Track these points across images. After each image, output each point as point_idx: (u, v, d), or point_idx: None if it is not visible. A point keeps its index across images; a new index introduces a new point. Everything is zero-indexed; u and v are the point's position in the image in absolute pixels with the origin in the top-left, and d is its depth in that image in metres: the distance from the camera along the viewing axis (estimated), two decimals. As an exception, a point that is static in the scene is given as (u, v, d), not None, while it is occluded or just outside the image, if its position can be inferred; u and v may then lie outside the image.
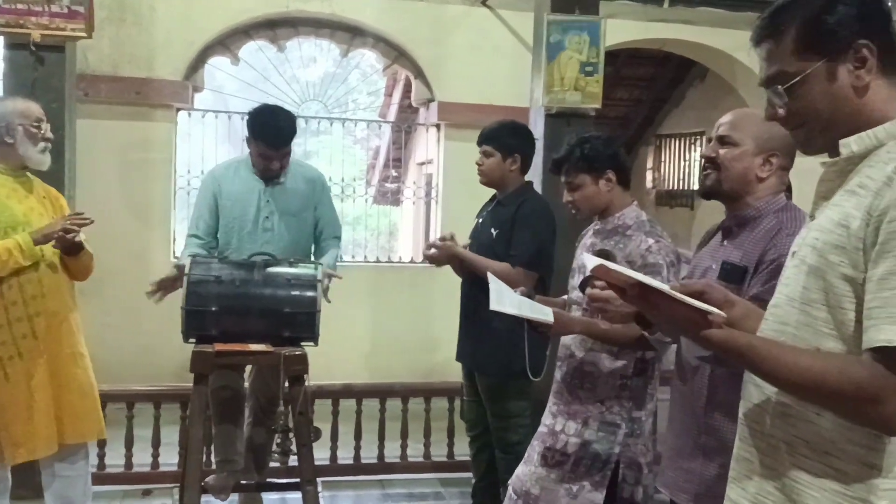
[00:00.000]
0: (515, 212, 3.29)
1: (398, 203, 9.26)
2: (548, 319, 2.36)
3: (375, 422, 4.41)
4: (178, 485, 3.48)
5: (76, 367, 3.06)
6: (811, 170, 1.48)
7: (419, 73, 6.73)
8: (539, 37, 4.33)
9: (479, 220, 3.50)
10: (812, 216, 1.43)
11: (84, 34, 3.90)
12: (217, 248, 3.55)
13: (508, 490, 2.75)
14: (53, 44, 3.86)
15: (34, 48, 3.80)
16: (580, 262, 2.72)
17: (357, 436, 4.36)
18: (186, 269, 3.12)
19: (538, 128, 4.32)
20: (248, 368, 3.68)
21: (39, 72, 3.85)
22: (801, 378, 1.27)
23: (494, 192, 3.49)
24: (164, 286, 3.37)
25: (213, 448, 3.67)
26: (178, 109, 6.35)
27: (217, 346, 3.04)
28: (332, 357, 5.45)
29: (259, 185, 3.54)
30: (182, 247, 3.72)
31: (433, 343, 6.21)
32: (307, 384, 3.19)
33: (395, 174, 8.72)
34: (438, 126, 6.84)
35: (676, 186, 9.91)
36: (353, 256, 7.19)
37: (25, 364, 2.93)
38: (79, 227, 2.93)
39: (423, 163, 7.65)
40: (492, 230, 3.34)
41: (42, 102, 3.24)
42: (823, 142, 1.40)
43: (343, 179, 6.87)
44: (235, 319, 3.10)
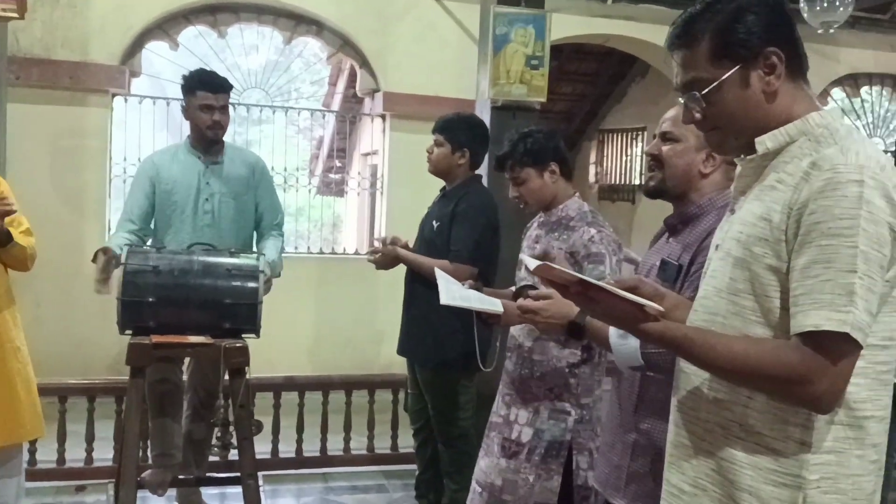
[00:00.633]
0: (455, 206, 3.29)
1: (342, 194, 9.18)
2: (497, 310, 2.39)
3: (318, 415, 4.36)
4: (114, 480, 3.39)
5: (15, 362, 2.94)
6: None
7: (364, 63, 6.67)
8: (485, 29, 4.32)
9: (427, 213, 3.50)
10: (732, 210, 1.50)
11: (16, 14, 3.75)
12: (151, 236, 3.48)
13: (472, 483, 2.77)
14: (-18, 24, 3.71)
15: (-39, 28, 3.65)
16: (524, 255, 2.74)
17: (299, 429, 4.31)
18: (123, 259, 3.03)
19: (484, 120, 4.31)
20: (187, 360, 3.61)
21: (-33, 53, 3.70)
22: (736, 364, 1.34)
23: (444, 185, 3.48)
24: (106, 273, 3.26)
25: (150, 442, 3.58)
26: (114, 95, 6.17)
27: (154, 338, 2.96)
28: (275, 350, 5.38)
29: (198, 167, 3.48)
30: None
31: (377, 335, 6.18)
32: (248, 377, 3.14)
33: (340, 164, 8.64)
34: (384, 116, 6.79)
35: (618, 181, 10.05)
36: (297, 248, 7.10)
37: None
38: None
39: (368, 153, 7.59)
40: (434, 222, 3.34)
41: (-30, 84, 3.11)
42: (737, 144, 1.48)
43: (286, 169, 6.77)
44: (174, 310, 3.01)
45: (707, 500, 1.43)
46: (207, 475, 3.73)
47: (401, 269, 3.50)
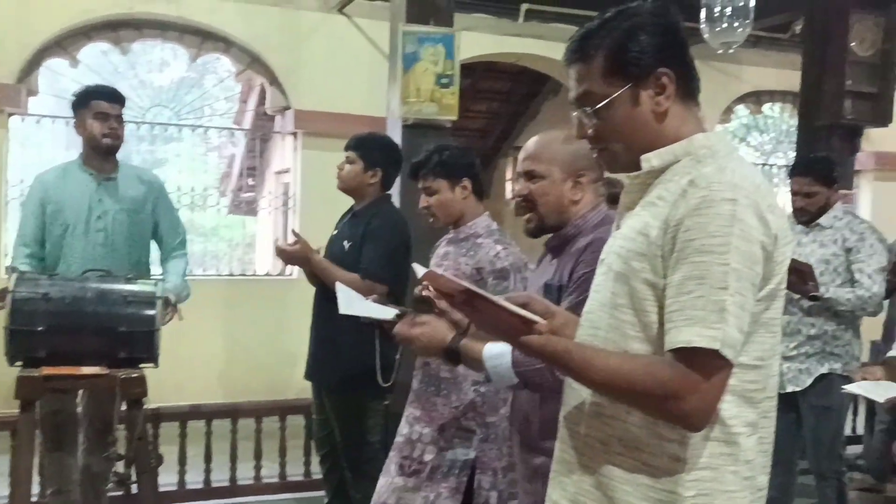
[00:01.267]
0: (367, 225, 3.24)
1: (255, 213, 9.00)
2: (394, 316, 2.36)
3: (227, 442, 4.23)
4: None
5: None
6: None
7: (274, 80, 6.56)
8: (394, 47, 4.31)
9: (335, 232, 3.43)
10: (618, 226, 1.51)
11: None
12: (45, 259, 3.34)
13: None
14: None
15: None
16: None
17: (207, 458, 4.17)
18: (11, 286, 2.88)
19: (395, 138, 4.29)
20: (81, 391, 3.44)
21: None
22: (612, 379, 1.34)
23: (353, 204, 3.43)
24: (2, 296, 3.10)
25: (45, 478, 3.39)
26: (11, 114, 5.91)
27: (45, 370, 2.82)
28: (184, 375, 5.21)
29: (90, 185, 3.37)
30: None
31: (291, 358, 6.02)
32: (148, 406, 3.02)
33: (252, 183, 8.47)
34: (295, 134, 6.69)
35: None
36: (205, 270, 6.91)
37: None
38: None
39: (281, 171, 7.47)
40: (344, 242, 3.28)
41: None
42: (626, 162, 1.48)
43: (193, 189, 6.59)
44: (66, 339, 2.87)
45: None
46: (107, 511, 3.56)
47: (312, 290, 3.42)
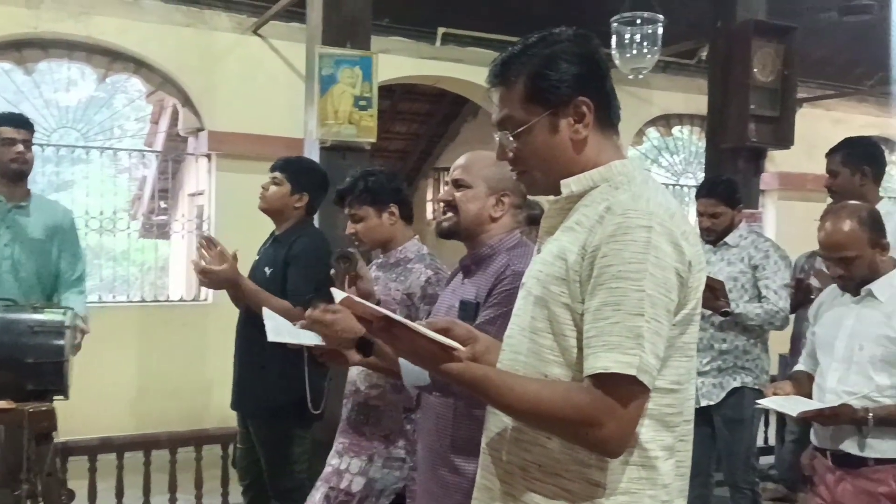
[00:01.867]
0: (289, 249, 3.18)
1: (168, 237, 8.74)
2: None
3: (140, 475, 4.07)
4: None
5: None
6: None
7: (187, 101, 6.42)
8: (311, 69, 4.27)
9: (257, 258, 3.36)
10: (538, 250, 1.52)
11: None
12: None
13: None
14: None
15: None
16: None
17: (119, 493, 4.00)
18: None
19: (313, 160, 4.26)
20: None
21: None
22: (530, 405, 1.34)
23: (274, 229, 3.36)
24: None
25: None
26: None
27: (-56, 406, 2.66)
28: (94, 407, 4.99)
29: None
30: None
31: (207, 385, 5.89)
32: (57, 440, 2.88)
33: (164, 206, 8.22)
34: (209, 156, 6.55)
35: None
36: (115, 295, 6.67)
37: None
38: None
39: (195, 194, 7.28)
40: (266, 269, 3.20)
41: None
42: (545, 185, 1.51)
43: (103, 213, 6.36)
44: (-32, 373, 2.73)
45: None
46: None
47: (232, 315, 3.33)
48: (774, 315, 3.69)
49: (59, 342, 2.83)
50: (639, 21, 4.52)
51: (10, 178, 3.32)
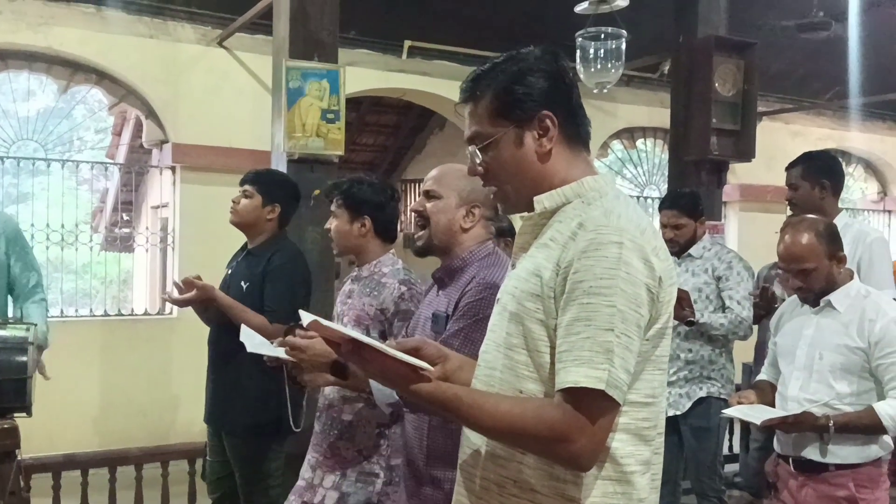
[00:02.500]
0: (267, 264, 3.16)
1: (131, 250, 8.64)
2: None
3: (105, 493, 4.01)
4: None
5: None
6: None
7: (151, 113, 6.35)
8: (278, 82, 4.26)
9: (229, 272, 3.33)
10: (513, 266, 1.54)
11: None
12: None
13: None
14: None
15: None
16: (338, 311, 2.72)
17: (83, 510, 3.94)
18: None
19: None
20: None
21: None
22: (502, 424, 1.34)
23: (245, 242, 3.34)
24: None
25: None
26: None
27: None
28: (56, 425, 4.91)
29: None
30: None
31: (173, 401, 5.82)
32: (20, 458, 2.83)
33: (127, 218, 8.13)
34: (174, 168, 6.49)
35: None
36: (77, 310, 6.57)
37: None
38: None
39: (158, 206, 7.21)
40: (242, 283, 3.17)
41: None
42: (516, 201, 1.52)
43: (63, 226, 6.26)
44: (-73, 392, 2.68)
45: None
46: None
47: (198, 329, 3.30)
48: (738, 325, 3.76)
49: (22, 358, 2.79)
50: (603, 36, 4.59)
51: None
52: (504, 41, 3.37)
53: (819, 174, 3.41)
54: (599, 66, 4.62)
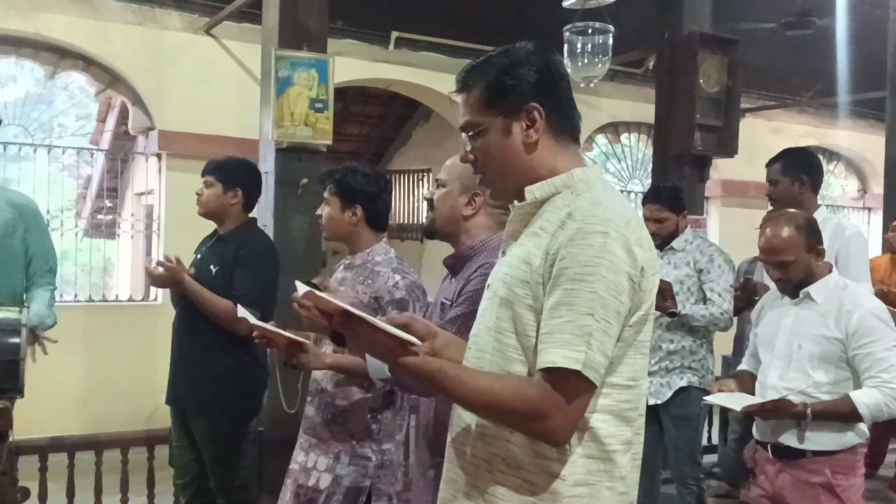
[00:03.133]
0: (237, 250, 3.21)
1: (114, 236, 8.61)
2: (305, 341, 2.40)
3: (91, 477, 4.03)
4: None
5: None
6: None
7: (137, 100, 6.35)
8: (267, 71, 4.28)
9: (198, 256, 3.37)
10: (503, 253, 1.59)
11: None
12: None
13: None
14: None
15: None
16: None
17: (70, 493, 3.95)
18: None
19: (269, 162, 4.27)
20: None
21: None
22: (483, 398, 1.40)
23: (216, 227, 3.38)
24: None
25: None
26: None
27: None
28: (39, 409, 4.90)
29: None
30: None
31: (157, 387, 5.72)
32: (11, 440, 2.86)
33: (111, 205, 8.09)
34: (159, 156, 6.49)
35: (406, 220, 10.28)
36: (62, 295, 6.54)
37: None
38: None
39: (143, 193, 7.19)
40: (211, 267, 3.24)
41: None
42: (504, 189, 1.58)
43: (49, 211, 6.22)
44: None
45: None
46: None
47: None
48: (718, 317, 3.83)
49: (15, 340, 2.80)
50: (590, 31, 4.64)
51: None
52: (491, 34, 3.43)
53: (798, 170, 3.49)
54: (586, 61, 4.68)
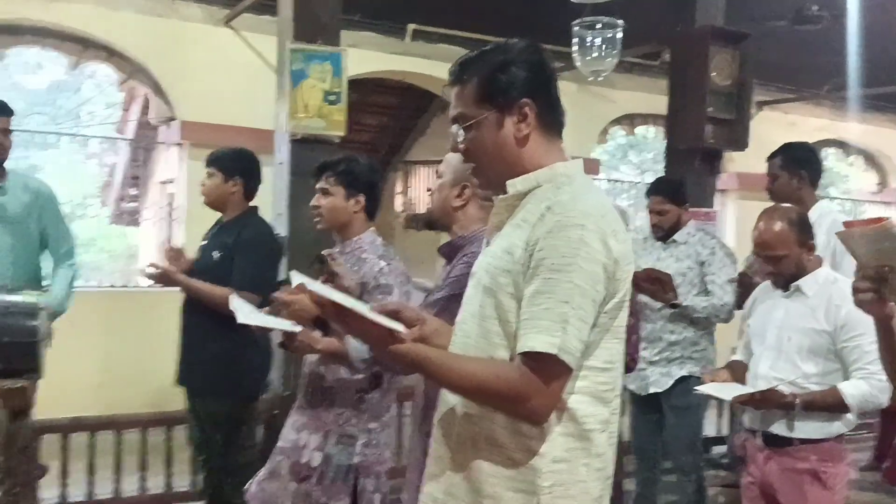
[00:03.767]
0: (237, 237, 3.35)
1: (137, 223, 8.80)
2: (295, 328, 2.48)
3: (111, 456, 4.19)
4: None
5: None
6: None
7: (158, 90, 6.48)
8: (282, 64, 4.39)
9: (204, 243, 3.51)
10: (488, 243, 1.68)
11: None
12: None
13: None
14: None
15: None
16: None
17: (90, 471, 4.12)
18: None
19: (283, 152, 4.39)
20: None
21: None
22: (466, 381, 1.50)
23: (220, 216, 3.52)
24: None
25: None
26: None
27: (-79, 382, 2.77)
28: (61, 390, 5.06)
29: None
30: None
31: (174, 370, 5.98)
32: (32, 419, 3.00)
33: (135, 193, 8.28)
34: (181, 145, 6.63)
35: (423, 211, 10.37)
36: (86, 281, 6.74)
37: None
38: None
39: (165, 182, 7.36)
40: (213, 253, 3.39)
41: None
42: (492, 179, 1.66)
43: (71, 199, 6.43)
44: (-57, 352, 2.84)
45: None
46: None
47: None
48: (719, 308, 3.90)
49: (33, 323, 2.93)
50: (599, 25, 4.69)
51: None
52: (507, 26, 3.49)
53: (797, 165, 3.54)
54: (595, 55, 4.73)
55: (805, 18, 6.01)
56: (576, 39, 4.70)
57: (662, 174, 5.67)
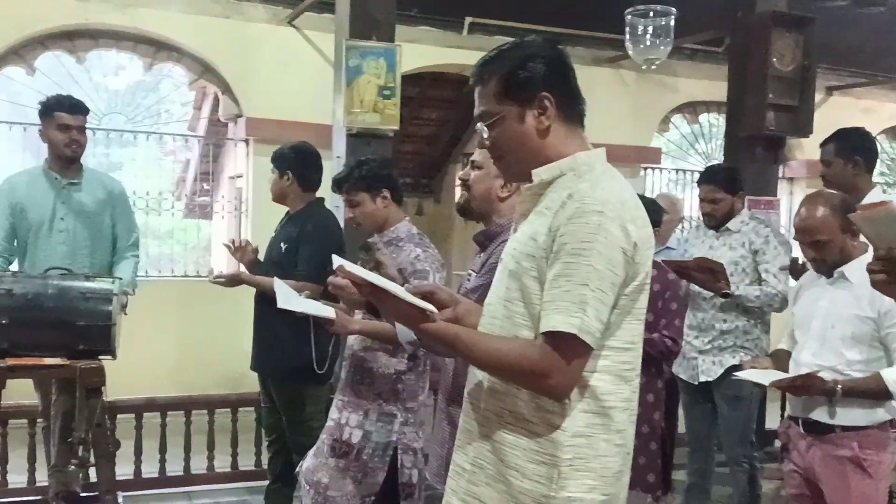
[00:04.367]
0: (302, 228, 3.50)
1: (209, 217, 9.13)
2: (330, 316, 2.64)
3: (181, 435, 4.43)
4: None
5: None
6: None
7: (227, 89, 6.75)
8: (339, 61, 4.54)
9: (274, 235, 3.70)
10: (514, 230, 1.76)
11: None
12: (15, 256, 3.62)
13: (300, 481, 2.94)
14: None
15: None
16: None
17: (162, 449, 4.37)
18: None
19: (340, 146, 4.55)
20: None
21: None
22: (492, 359, 1.60)
23: (288, 209, 3.69)
24: None
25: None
26: (-34, 119, 6.02)
27: (10, 361, 3.03)
28: (136, 372, 5.36)
29: (54, 188, 3.65)
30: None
31: (243, 355, 6.16)
32: (105, 398, 3.22)
33: (207, 188, 8.60)
34: (247, 141, 6.88)
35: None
36: (161, 271, 7.06)
37: None
38: None
39: (234, 177, 7.64)
40: (281, 244, 3.57)
41: None
42: (518, 171, 1.75)
43: (148, 193, 6.75)
44: (27, 332, 3.10)
45: (483, 476, 1.68)
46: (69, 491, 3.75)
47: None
48: (773, 297, 3.87)
49: (107, 308, 3.16)
50: (652, 14, 4.70)
51: (65, 160, 3.65)
52: (560, 17, 3.54)
53: (852, 151, 3.49)
54: (648, 43, 4.74)
55: (866, 1, 5.86)
56: (628, 28, 4.72)
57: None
